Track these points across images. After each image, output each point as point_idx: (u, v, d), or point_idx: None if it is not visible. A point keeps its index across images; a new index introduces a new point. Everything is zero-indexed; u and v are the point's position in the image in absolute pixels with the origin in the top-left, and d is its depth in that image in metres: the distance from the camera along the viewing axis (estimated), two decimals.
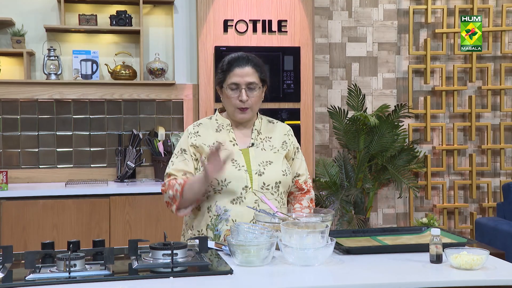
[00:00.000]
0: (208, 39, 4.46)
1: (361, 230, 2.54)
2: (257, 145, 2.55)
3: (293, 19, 4.54)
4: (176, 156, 2.55)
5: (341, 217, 4.82)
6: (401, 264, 2.03)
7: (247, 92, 2.49)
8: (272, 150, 2.55)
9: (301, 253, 1.98)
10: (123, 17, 4.67)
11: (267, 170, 2.48)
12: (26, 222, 4.09)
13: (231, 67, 2.51)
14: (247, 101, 2.49)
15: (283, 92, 4.52)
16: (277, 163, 2.52)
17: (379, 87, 5.31)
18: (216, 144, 2.34)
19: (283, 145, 2.60)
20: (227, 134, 2.56)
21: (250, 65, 2.51)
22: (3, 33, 4.68)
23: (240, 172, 2.45)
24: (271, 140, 2.59)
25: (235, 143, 2.53)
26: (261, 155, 2.52)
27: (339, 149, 5.22)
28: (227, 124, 2.58)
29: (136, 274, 1.87)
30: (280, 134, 2.63)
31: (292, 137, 2.66)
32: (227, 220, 2.43)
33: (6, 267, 1.88)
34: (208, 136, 2.55)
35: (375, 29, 5.29)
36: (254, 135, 2.57)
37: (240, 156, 2.49)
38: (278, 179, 2.49)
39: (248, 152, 2.52)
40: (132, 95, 4.74)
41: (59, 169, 4.71)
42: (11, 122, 4.64)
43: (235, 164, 2.46)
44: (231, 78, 2.50)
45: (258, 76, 2.52)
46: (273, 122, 2.68)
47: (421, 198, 5.39)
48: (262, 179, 2.46)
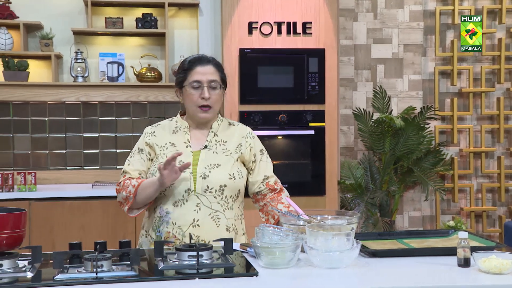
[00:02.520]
0: (232, 41, 4.47)
1: (387, 232, 2.53)
2: (210, 147, 2.51)
3: (318, 20, 4.53)
4: (133, 155, 2.56)
5: (366, 220, 4.79)
6: (428, 268, 2.01)
7: (209, 90, 2.48)
8: (224, 153, 2.51)
9: (327, 255, 1.97)
10: (148, 20, 4.71)
11: (212, 173, 2.43)
12: (54, 223, 4.14)
13: (193, 65, 2.51)
14: (209, 99, 2.48)
15: (307, 94, 4.51)
16: (225, 167, 2.47)
17: (404, 89, 5.27)
18: (173, 153, 2.30)
19: (237, 147, 2.54)
20: (183, 135, 2.54)
21: (211, 64, 2.52)
22: (32, 37, 4.75)
23: (185, 174, 2.40)
24: (226, 143, 2.54)
25: (189, 145, 2.51)
26: (211, 158, 2.48)
27: (364, 151, 5.19)
28: (185, 126, 2.56)
29: (162, 275, 1.88)
30: (237, 136, 2.58)
31: (251, 139, 2.60)
32: (167, 222, 2.41)
33: (35, 266, 1.90)
34: (163, 137, 2.54)
35: (401, 31, 5.25)
36: (210, 137, 2.54)
37: (189, 158, 2.46)
38: (223, 182, 2.44)
39: (199, 154, 2.49)
40: (157, 97, 4.78)
41: (85, 170, 4.76)
42: (39, 124, 4.71)
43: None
44: (192, 76, 2.49)
45: (219, 76, 2.53)
46: (234, 124, 2.64)
47: (448, 201, 5.33)
48: (206, 182, 2.42)
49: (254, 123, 4.40)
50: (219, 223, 2.42)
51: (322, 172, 4.53)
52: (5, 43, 4.58)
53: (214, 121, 2.58)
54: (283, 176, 4.26)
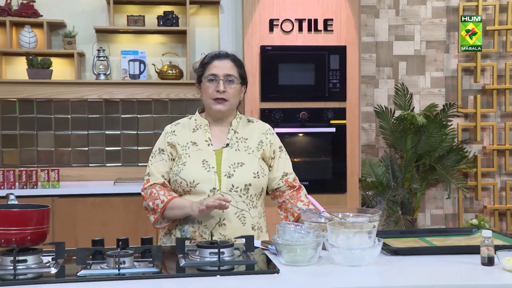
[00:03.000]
0: (253, 39, 4.47)
1: (409, 230, 2.51)
2: (232, 145, 2.50)
3: (339, 17, 4.51)
4: (154, 155, 2.54)
5: (388, 218, 4.76)
6: (451, 266, 1.99)
7: (225, 83, 2.47)
8: (246, 151, 2.50)
9: (348, 253, 1.96)
10: (170, 18, 4.73)
11: (237, 172, 2.43)
12: (76, 219, 4.18)
13: (211, 60, 2.51)
14: (225, 93, 2.46)
15: (328, 91, 4.50)
16: (249, 165, 2.46)
17: (427, 86, 5.23)
18: (220, 200, 2.25)
19: (258, 145, 2.53)
20: (203, 133, 2.52)
21: (229, 59, 2.52)
22: (55, 35, 4.80)
23: (209, 173, 2.41)
24: (247, 141, 2.53)
25: (210, 143, 2.50)
26: (234, 156, 2.47)
27: (385, 148, 5.16)
28: (205, 124, 2.54)
29: (184, 272, 1.88)
30: (258, 133, 2.57)
31: (271, 135, 2.59)
32: (193, 222, 2.40)
33: (59, 262, 1.93)
34: (184, 135, 2.52)
35: (423, 27, 5.20)
36: (231, 134, 2.52)
37: (212, 157, 2.45)
38: (247, 181, 2.43)
39: (222, 153, 2.48)
40: (178, 94, 4.80)
41: (107, 167, 4.80)
42: (62, 122, 4.75)
43: (205, 165, 2.43)
44: (209, 70, 2.49)
45: (237, 71, 2.52)
46: (252, 121, 2.63)
47: (471, 199, 5.28)
48: (231, 181, 2.41)
49: (275, 121, 4.40)
50: (245, 222, 2.42)
51: (343, 169, 4.52)
52: (29, 41, 4.63)
53: (233, 118, 2.57)
54: (304, 173, 4.29)
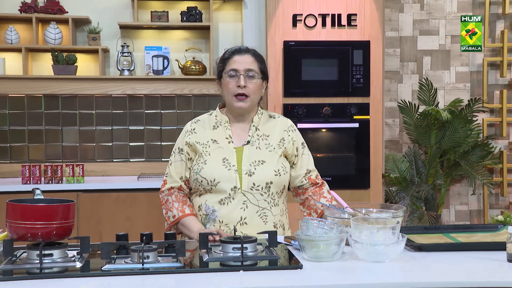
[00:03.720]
0: (277, 34, 4.46)
1: (433, 226, 2.49)
2: (253, 142, 2.47)
3: (363, 12, 4.48)
4: (174, 154, 2.54)
5: (412, 214, 4.73)
6: (476, 263, 1.97)
7: (245, 78, 2.44)
8: (267, 149, 2.47)
9: (372, 249, 1.95)
10: (193, 13, 4.74)
11: (258, 170, 2.41)
12: (101, 214, 4.22)
13: (231, 55, 2.49)
14: (245, 88, 2.43)
15: (352, 86, 4.47)
16: (270, 163, 2.44)
17: (451, 81, 5.17)
18: (220, 235, 2.20)
19: (280, 142, 2.50)
20: (224, 131, 2.50)
21: (250, 53, 2.49)
22: (80, 31, 4.85)
23: (230, 172, 2.39)
24: (268, 138, 2.50)
25: (231, 141, 2.48)
26: (255, 154, 2.44)
27: (409, 144, 5.12)
28: (225, 121, 2.52)
29: (207, 267, 1.89)
30: (279, 130, 2.53)
31: (293, 132, 2.55)
32: (214, 220, 2.40)
33: (84, 257, 1.95)
34: (204, 133, 2.50)
35: (448, 22, 5.14)
36: (252, 131, 2.50)
37: (232, 155, 2.43)
38: (269, 179, 2.41)
39: (242, 150, 2.45)
40: (201, 90, 4.81)
41: (131, 162, 4.84)
42: (87, 117, 4.80)
43: (225, 164, 2.41)
44: (230, 65, 2.46)
45: (258, 66, 2.48)
46: (274, 116, 2.59)
47: (496, 195, 5.22)
48: (252, 180, 2.39)
49: (298, 116, 4.39)
50: (267, 220, 2.42)
51: (367, 165, 4.49)
52: (54, 37, 4.69)
53: (254, 114, 2.54)
54: (327, 169, 4.28)
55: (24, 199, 1.99)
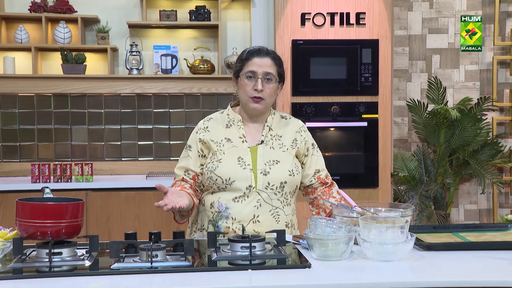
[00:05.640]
0: (285, 33, 4.45)
1: (442, 225, 2.48)
2: (267, 142, 2.49)
3: (372, 11, 4.47)
4: (184, 151, 2.57)
5: (421, 213, 4.71)
6: (486, 262, 1.96)
7: (263, 82, 2.44)
8: (281, 149, 2.49)
9: (380, 248, 1.95)
10: (202, 12, 4.74)
11: (273, 169, 2.42)
12: (110, 213, 4.24)
13: (250, 56, 2.48)
14: (262, 92, 2.44)
15: (361, 85, 4.46)
16: (284, 163, 2.45)
17: (461, 79, 5.15)
18: (161, 188, 2.28)
19: (293, 143, 2.52)
20: (237, 130, 2.51)
21: (269, 57, 2.48)
22: (89, 30, 4.86)
23: (245, 171, 2.40)
24: (281, 138, 2.52)
25: (245, 140, 2.48)
26: (269, 154, 2.46)
27: (418, 143, 5.10)
28: (238, 120, 2.53)
29: (215, 266, 1.89)
30: (291, 131, 2.55)
31: (304, 133, 2.58)
32: (227, 218, 2.40)
33: (93, 255, 1.95)
34: (217, 131, 2.51)
35: (457, 20, 5.12)
36: (265, 131, 2.51)
37: (247, 154, 2.44)
38: (283, 179, 2.43)
39: (257, 150, 2.46)
40: (210, 89, 4.82)
41: (140, 161, 4.85)
42: (95, 116, 4.82)
43: (240, 163, 2.42)
44: (248, 67, 2.46)
45: (276, 70, 2.48)
46: (286, 117, 2.60)
47: (506, 194, 5.19)
48: (267, 179, 2.40)
49: (306, 115, 4.39)
50: (279, 220, 2.42)
51: (375, 164, 4.48)
52: (63, 36, 4.70)
53: (268, 115, 2.56)
54: (336, 168, 4.28)
55: (33, 198, 2.00)
